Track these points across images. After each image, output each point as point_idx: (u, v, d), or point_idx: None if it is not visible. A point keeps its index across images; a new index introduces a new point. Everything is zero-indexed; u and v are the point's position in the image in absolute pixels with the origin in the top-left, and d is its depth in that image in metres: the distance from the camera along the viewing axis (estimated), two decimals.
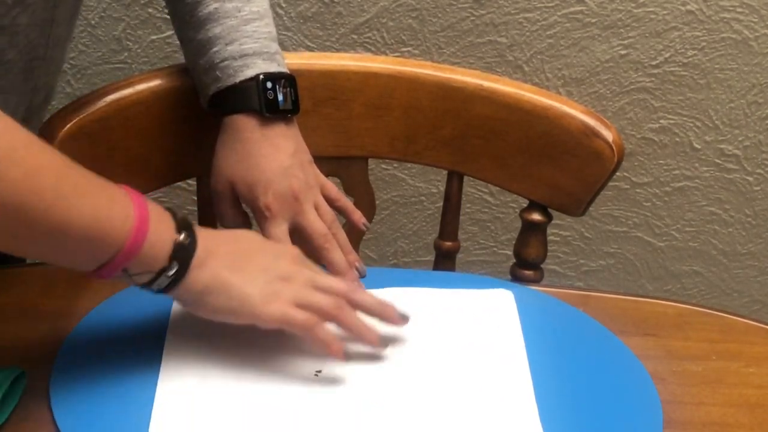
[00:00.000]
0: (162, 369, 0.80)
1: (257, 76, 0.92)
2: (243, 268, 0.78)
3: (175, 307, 0.86)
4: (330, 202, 0.96)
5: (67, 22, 0.91)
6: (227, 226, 0.96)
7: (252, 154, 0.92)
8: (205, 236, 0.77)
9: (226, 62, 0.93)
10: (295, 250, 0.83)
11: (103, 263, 0.73)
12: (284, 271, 0.80)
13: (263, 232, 0.92)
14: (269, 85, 0.92)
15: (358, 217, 0.99)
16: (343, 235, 0.95)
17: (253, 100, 0.92)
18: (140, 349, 0.82)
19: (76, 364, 0.80)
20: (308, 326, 0.78)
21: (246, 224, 0.96)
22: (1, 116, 0.68)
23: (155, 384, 0.78)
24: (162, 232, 0.74)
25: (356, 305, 0.82)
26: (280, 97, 0.93)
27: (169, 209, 0.77)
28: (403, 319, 0.84)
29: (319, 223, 0.93)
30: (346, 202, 0.99)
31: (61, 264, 0.75)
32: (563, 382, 0.83)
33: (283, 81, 0.94)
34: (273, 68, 0.94)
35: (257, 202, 0.92)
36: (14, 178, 0.67)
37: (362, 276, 0.95)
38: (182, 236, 0.75)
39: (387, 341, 0.83)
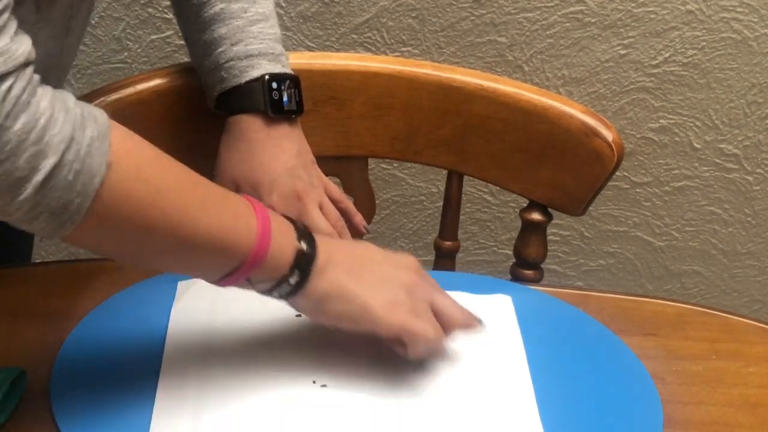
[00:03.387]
0: (162, 369, 0.80)
1: (262, 76, 0.92)
2: (362, 276, 0.78)
3: (176, 307, 0.86)
4: (332, 203, 0.96)
5: (80, 30, 0.91)
6: None
7: (256, 154, 0.92)
8: (324, 244, 0.77)
9: (231, 62, 0.93)
10: (412, 261, 0.83)
11: (228, 273, 0.73)
12: (404, 281, 0.79)
13: None
14: (274, 85, 0.93)
15: (359, 220, 0.99)
16: (347, 235, 0.95)
17: (258, 100, 0.92)
18: (140, 349, 0.82)
19: (76, 364, 0.80)
20: (428, 339, 0.79)
21: None
22: (126, 134, 0.69)
23: (155, 384, 0.78)
24: (284, 241, 0.75)
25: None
26: (285, 98, 0.93)
27: (288, 218, 0.78)
28: (479, 322, 0.84)
29: (324, 222, 0.93)
30: (348, 204, 0.99)
31: (186, 274, 0.77)
32: (563, 382, 0.83)
33: (288, 82, 0.94)
34: (278, 69, 0.94)
35: (261, 202, 0.92)
36: (142, 196, 0.68)
37: None
38: (303, 244, 0.75)
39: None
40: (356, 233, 1.00)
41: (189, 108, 1.01)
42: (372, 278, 0.78)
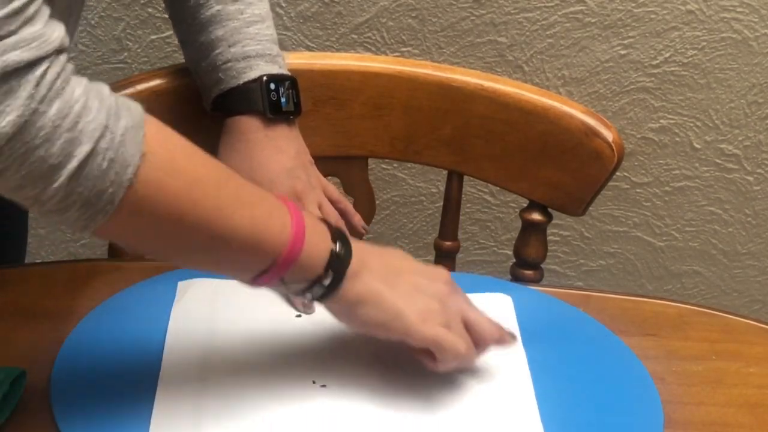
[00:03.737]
0: (162, 369, 0.80)
1: (260, 77, 0.93)
2: (396, 284, 0.77)
3: (176, 307, 0.86)
4: (330, 204, 0.96)
5: (73, 30, 0.91)
6: None
7: (255, 154, 0.93)
8: (359, 248, 0.76)
9: (229, 64, 0.93)
10: (446, 274, 0.81)
11: (261, 272, 0.72)
12: (438, 292, 0.78)
13: None
14: (272, 86, 0.93)
15: (358, 220, 0.99)
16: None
17: (257, 101, 0.93)
18: (140, 348, 0.82)
19: (76, 364, 0.80)
20: (459, 353, 0.78)
21: None
22: (161, 127, 0.68)
23: (155, 384, 0.78)
24: (318, 242, 0.73)
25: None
26: (283, 99, 0.93)
27: (322, 219, 0.76)
28: (513, 337, 0.83)
29: None
30: (347, 205, 0.99)
31: (218, 273, 0.76)
32: (563, 382, 0.83)
33: (286, 83, 0.94)
34: (275, 70, 0.94)
35: None
36: (175, 188, 0.67)
37: None
38: (338, 246, 0.74)
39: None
40: (355, 234, 1.00)
41: (189, 108, 1.01)
42: (406, 287, 0.77)
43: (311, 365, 0.81)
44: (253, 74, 0.93)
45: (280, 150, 0.93)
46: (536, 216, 1.07)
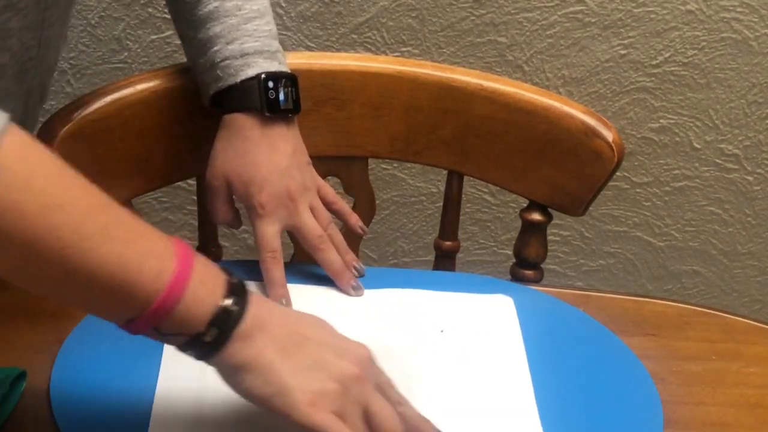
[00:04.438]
0: (162, 369, 0.80)
1: (258, 75, 0.92)
2: (294, 355, 0.68)
3: None
4: (327, 205, 0.96)
5: (60, 22, 0.90)
6: (217, 221, 0.96)
7: (250, 152, 0.92)
8: (260, 307, 0.68)
9: (226, 61, 0.92)
10: (365, 352, 0.71)
11: (131, 318, 0.66)
12: (342, 373, 0.69)
13: (254, 229, 0.92)
14: (270, 84, 0.92)
15: (355, 220, 0.99)
16: (339, 236, 0.95)
17: (254, 99, 0.92)
18: (140, 348, 0.82)
19: (76, 364, 0.80)
20: None
21: (236, 221, 0.96)
22: (27, 142, 0.63)
23: (155, 384, 0.78)
24: (204, 294, 0.66)
25: None
26: (281, 97, 0.93)
27: (225, 270, 0.69)
28: None
29: (314, 224, 0.92)
30: (344, 206, 0.99)
31: (87, 312, 0.68)
32: (563, 382, 0.83)
33: (284, 80, 0.94)
34: (274, 67, 0.94)
35: (252, 199, 0.91)
36: (27, 210, 0.61)
37: (361, 276, 0.95)
38: (229, 302, 0.67)
39: None
40: (353, 235, 1.00)
41: (189, 108, 1.01)
42: (305, 360, 0.68)
43: None
44: (250, 72, 0.92)
45: (275, 149, 0.93)
46: (536, 216, 1.07)
